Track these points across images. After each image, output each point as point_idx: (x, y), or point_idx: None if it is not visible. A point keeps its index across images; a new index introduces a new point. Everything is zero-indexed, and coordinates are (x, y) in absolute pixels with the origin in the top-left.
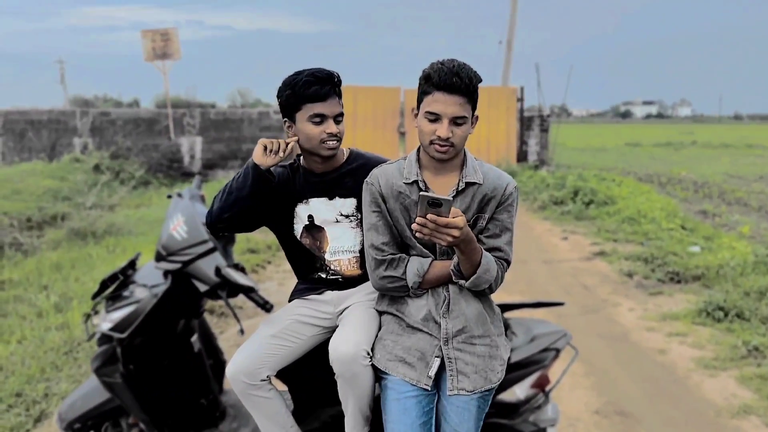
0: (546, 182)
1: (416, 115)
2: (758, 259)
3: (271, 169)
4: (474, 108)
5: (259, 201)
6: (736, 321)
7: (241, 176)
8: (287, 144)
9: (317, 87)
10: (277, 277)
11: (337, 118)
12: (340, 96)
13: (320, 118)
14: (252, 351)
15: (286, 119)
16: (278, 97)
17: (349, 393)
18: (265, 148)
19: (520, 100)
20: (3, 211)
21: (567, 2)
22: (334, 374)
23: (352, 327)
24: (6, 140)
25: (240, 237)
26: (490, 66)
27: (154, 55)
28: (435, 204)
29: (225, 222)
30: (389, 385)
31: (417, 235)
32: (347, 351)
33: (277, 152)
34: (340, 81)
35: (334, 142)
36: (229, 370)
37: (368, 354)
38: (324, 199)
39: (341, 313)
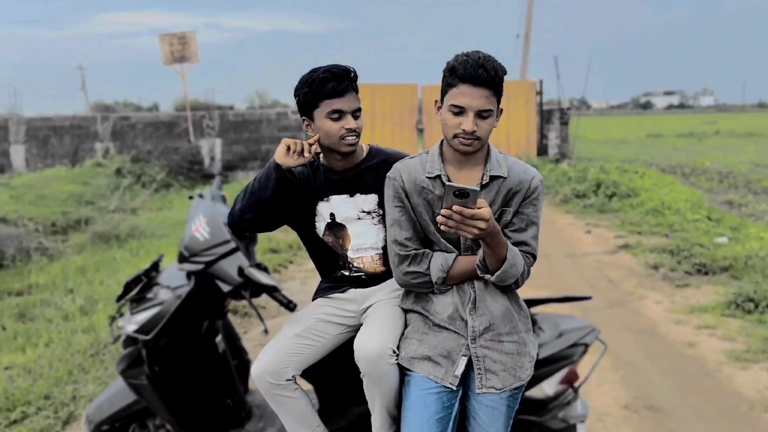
0: (567, 175)
1: (439, 108)
2: None
3: (292, 168)
4: (499, 101)
5: (281, 201)
6: (767, 312)
7: (264, 177)
8: (310, 145)
9: (334, 83)
10: (299, 277)
11: (356, 114)
12: (357, 91)
13: (338, 114)
14: (277, 351)
15: (304, 117)
16: (295, 95)
17: (376, 392)
18: (288, 148)
19: (539, 93)
20: (28, 217)
21: None
22: (359, 373)
23: (377, 326)
24: (29, 147)
25: (261, 237)
26: (508, 60)
27: (173, 59)
28: (461, 195)
29: (247, 222)
30: (412, 382)
31: (442, 227)
32: (373, 350)
33: (301, 153)
34: (356, 76)
35: (354, 137)
36: (254, 370)
37: (394, 352)
38: (345, 197)
39: (365, 311)
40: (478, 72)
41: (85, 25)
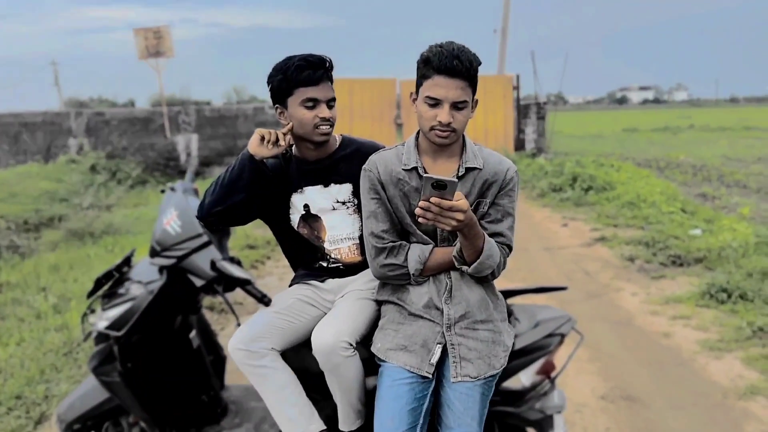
0: (544, 170)
1: (415, 100)
2: (760, 240)
3: (265, 160)
4: (474, 92)
5: (254, 194)
6: (740, 302)
7: (236, 168)
8: (284, 135)
9: (310, 71)
10: (277, 272)
11: (330, 103)
12: (331, 81)
13: (313, 103)
14: (254, 323)
15: (277, 105)
16: (269, 82)
17: (335, 385)
18: (262, 138)
19: (516, 88)
20: (0, 215)
21: None
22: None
23: (335, 316)
24: (0, 143)
25: (239, 233)
26: (485, 55)
27: (148, 54)
28: (439, 186)
29: (217, 215)
30: (385, 372)
31: (420, 219)
32: (326, 341)
33: (275, 143)
34: (331, 66)
35: (327, 126)
36: (231, 343)
37: (350, 345)
38: (319, 187)
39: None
40: (452, 63)
41: (57, 20)
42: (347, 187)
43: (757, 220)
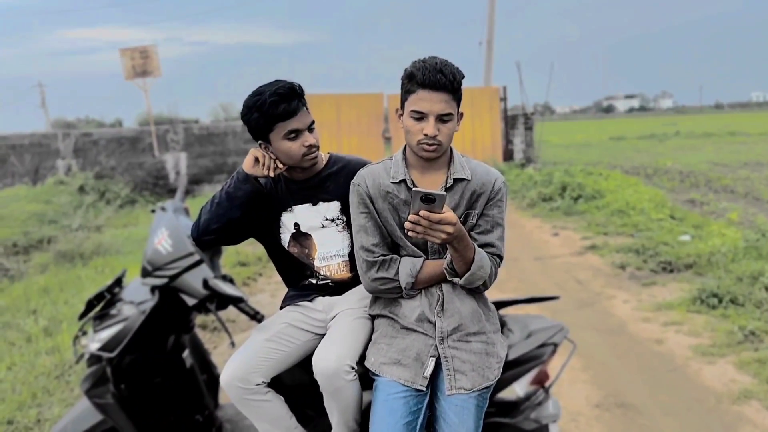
0: (533, 180)
1: (401, 116)
2: (748, 244)
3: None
4: (459, 104)
5: (248, 211)
6: (731, 307)
7: (231, 186)
8: (276, 165)
9: (285, 104)
10: (269, 289)
11: (311, 128)
12: (305, 105)
13: (295, 134)
14: (245, 356)
15: (260, 141)
16: (244, 121)
17: (334, 406)
18: (256, 159)
19: (503, 99)
20: None
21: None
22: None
23: (336, 340)
24: None
25: (230, 250)
26: (471, 67)
27: (134, 73)
28: (428, 200)
29: (213, 233)
30: (379, 387)
31: (410, 233)
32: (329, 366)
33: (268, 168)
34: (302, 91)
35: (315, 152)
36: (223, 377)
37: (352, 368)
38: (308, 206)
39: (332, 319)
40: (436, 77)
41: (41, 42)
42: (335, 205)
43: (746, 224)
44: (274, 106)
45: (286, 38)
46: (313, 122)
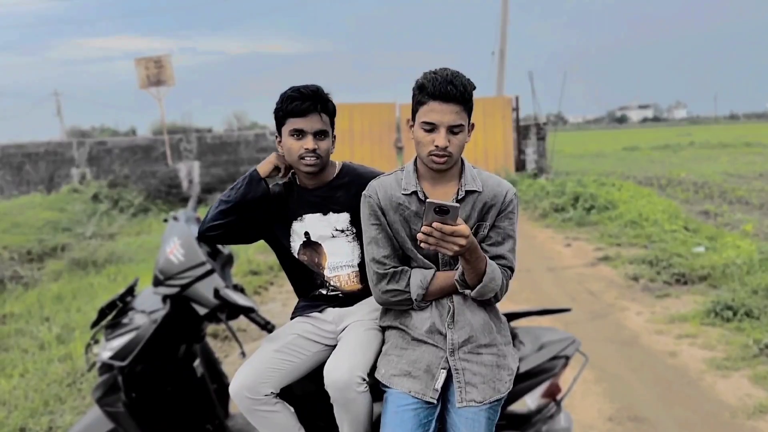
0: (546, 190)
1: (411, 127)
2: (763, 257)
3: (270, 187)
4: (470, 116)
5: (253, 210)
6: (746, 320)
7: (243, 186)
8: (288, 171)
9: (298, 102)
10: (280, 298)
11: (318, 135)
12: (327, 113)
13: (300, 134)
14: (255, 366)
15: (277, 134)
16: (274, 111)
17: (344, 418)
18: (276, 168)
19: (516, 109)
20: (3, 245)
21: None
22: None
23: (347, 351)
24: (4, 174)
25: (241, 258)
26: (484, 77)
27: (149, 83)
28: (441, 211)
29: (215, 229)
30: (389, 399)
31: (422, 245)
32: (341, 377)
33: (279, 170)
34: (325, 98)
35: (312, 158)
36: (232, 387)
37: (363, 380)
38: (318, 215)
39: (342, 331)
40: (447, 88)
41: (57, 51)
42: (345, 216)
43: (761, 236)
44: (288, 101)
45: (300, 47)
46: (323, 131)
